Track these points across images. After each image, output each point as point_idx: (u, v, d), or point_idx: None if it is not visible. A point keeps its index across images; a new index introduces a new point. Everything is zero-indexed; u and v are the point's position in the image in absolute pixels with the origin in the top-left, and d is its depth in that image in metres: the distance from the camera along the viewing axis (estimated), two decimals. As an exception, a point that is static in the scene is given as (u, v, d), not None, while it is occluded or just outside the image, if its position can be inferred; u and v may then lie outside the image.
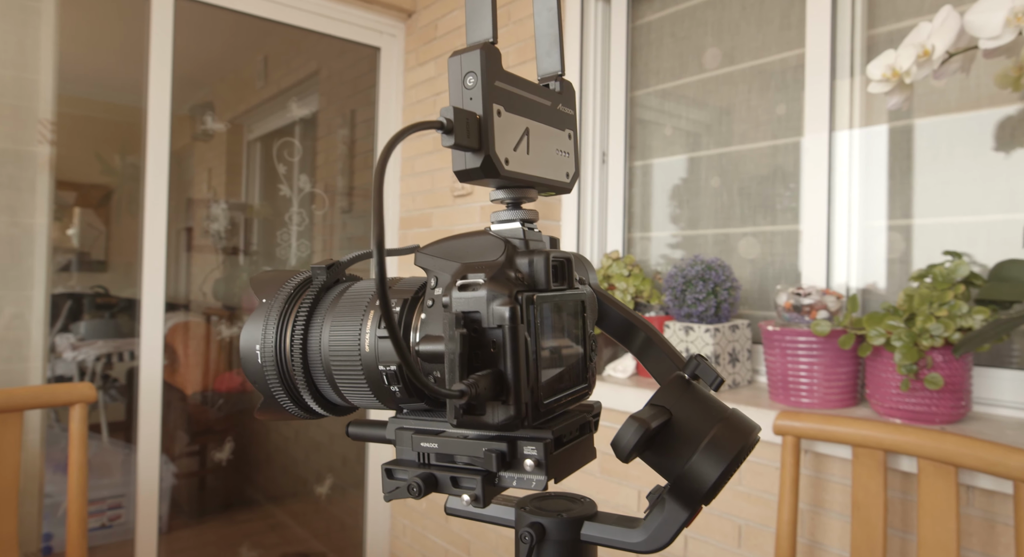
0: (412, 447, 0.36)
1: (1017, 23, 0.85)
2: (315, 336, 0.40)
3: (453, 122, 0.30)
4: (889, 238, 1.32)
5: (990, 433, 1.01)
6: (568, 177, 0.40)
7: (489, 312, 0.31)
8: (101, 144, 2.40)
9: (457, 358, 0.30)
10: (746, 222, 1.54)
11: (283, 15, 1.99)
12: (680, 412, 0.35)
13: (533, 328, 0.32)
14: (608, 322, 0.46)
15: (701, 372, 0.36)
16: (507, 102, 0.33)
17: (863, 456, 1.03)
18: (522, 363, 0.31)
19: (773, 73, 1.50)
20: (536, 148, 0.36)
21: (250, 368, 0.40)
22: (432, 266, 0.36)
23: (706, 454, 0.33)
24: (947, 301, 1.02)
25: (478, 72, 0.32)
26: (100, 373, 2.45)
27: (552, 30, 0.38)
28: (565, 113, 0.39)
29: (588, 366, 0.39)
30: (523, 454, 0.33)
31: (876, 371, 1.12)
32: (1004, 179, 1.18)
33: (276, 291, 0.41)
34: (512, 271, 0.33)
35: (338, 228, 2.44)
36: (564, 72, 0.38)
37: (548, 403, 0.34)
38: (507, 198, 0.37)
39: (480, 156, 0.32)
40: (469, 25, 0.33)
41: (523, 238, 0.36)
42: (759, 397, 1.28)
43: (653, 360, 0.43)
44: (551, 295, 0.34)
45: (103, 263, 2.61)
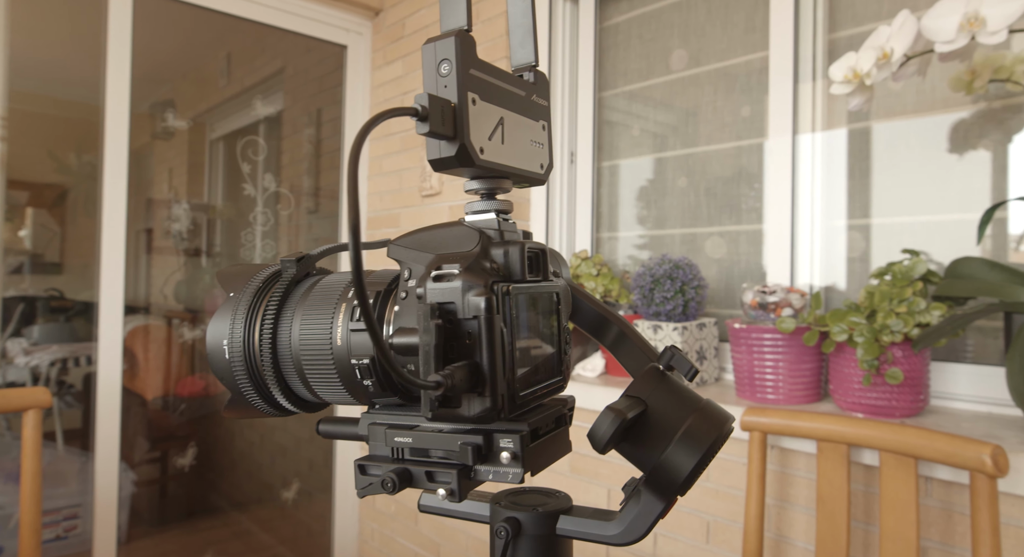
0: (386, 442, 0.36)
1: (970, 28, 0.88)
2: (285, 330, 0.39)
3: (428, 109, 0.30)
4: (849, 237, 1.35)
5: (947, 425, 1.04)
6: (543, 168, 0.40)
7: (464, 303, 0.31)
8: (55, 142, 2.32)
9: (432, 349, 0.30)
10: (712, 222, 1.56)
11: (248, 11, 1.95)
12: (655, 403, 0.35)
13: (509, 319, 0.32)
14: (581, 316, 0.46)
15: (676, 363, 0.36)
16: (482, 91, 0.33)
17: (827, 450, 1.05)
18: (498, 354, 0.31)
19: (738, 75, 1.53)
20: (511, 138, 0.36)
21: (217, 364, 0.39)
22: (405, 258, 0.35)
23: (681, 445, 0.34)
24: (906, 298, 1.05)
25: (453, 59, 0.31)
26: (55, 379, 2.37)
27: (526, 21, 0.38)
28: (539, 104, 0.39)
29: (563, 359, 0.39)
30: (499, 447, 0.33)
31: (839, 367, 1.14)
32: (958, 180, 1.22)
33: (244, 285, 0.40)
34: (487, 262, 0.33)
35: (304, 229, 2.40)
36: (538, 63, 0.38)
37: (524, 395, 0.33)
38: (481, 188, 0.37)
39: (455, 145, 0.32)
40: (443, 12, 0.33)
41: (498, 228, 0.36)
42: (726, 394, 1.30)
43: (626, 354, 0.43)
44: (527, 286, 0.34)
45: (58, 265, 2.53)
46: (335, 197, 2.33)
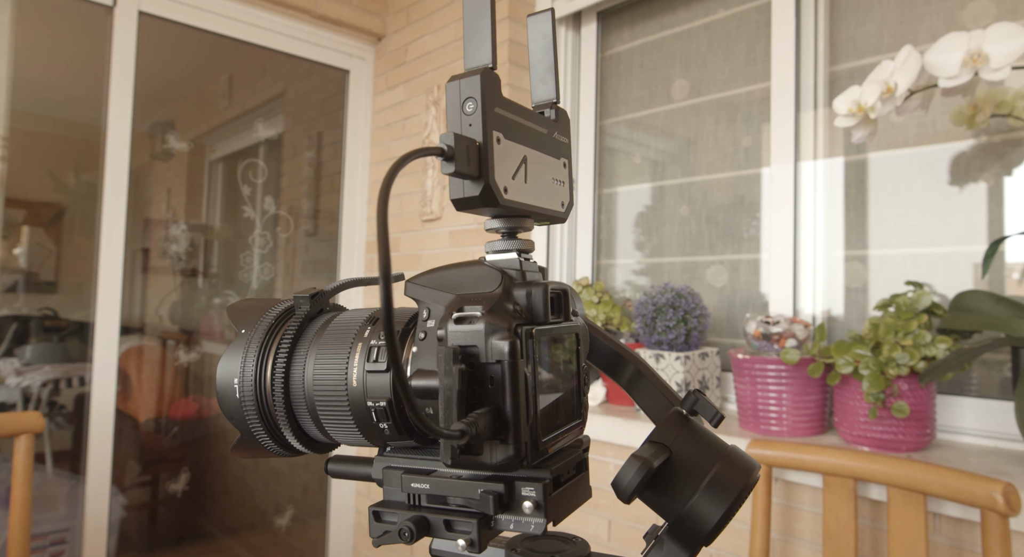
0: (402, 487, 0.35)
1: (973, 64, 0.89)
2: (298, 370, 0.38)
3: (454, 149, 0.29)
4: (850, 267, 1.35)
5: (955, 460, 1.03)
6: (563, 206, 0.39)
7: (488, 346, 0.30)
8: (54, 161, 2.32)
9: (455, 395, 0.29)
10: (713, 250, 1.56)
11: (252, 35, 1.96)
12: (680, 449, 0.34)
13: (532, 363, 0.31)
14: (596, 354, 0.45)
15: (700, 407, 0.36)
16: (506, 129, 0.32)
17: (834, 485, 1.03)
18: (522, 400, 0.30)
19: (739, 105, 1.54)
20: (533, 177, 0.35)
21: (227, 404, 0.38)
22: (424, 297, 0.34)
23: (708, 494, 0.33)
24: (912, 330, 1.05)
25: (478, 98, 0.31)
26: (46, 400, 2.33)
27: (547, 57, 0.37)
28: (560, 141, 0.38)
29: (582, 400, 0.38)
30: (521, 495, 0.32)
31: (844, 399, 1.13)
32: (960, 212, 1.22)
33: (256, 321, 0.39)
34: (510, 303, 0.32)
35: (301, 251, 2.40)
36: (559, 100, 0.38)
37: (546, 441, 0.32)
38: (503, 228, 0.36)
39: (479, 184, 0.31)
40: (467, 49, 0.33)
41: (519, 269, 0.35)
42: (729, 425, 1.29)
43: (644, 394, 0.42)
44: (549, 328, 0.33)
45: (52, 284, 2.51)
46: (334, 219, 2.32)
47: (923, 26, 1.28)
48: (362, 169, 2.29)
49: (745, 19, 1.53)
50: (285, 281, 2.39)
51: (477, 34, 0.32)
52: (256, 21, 1.95)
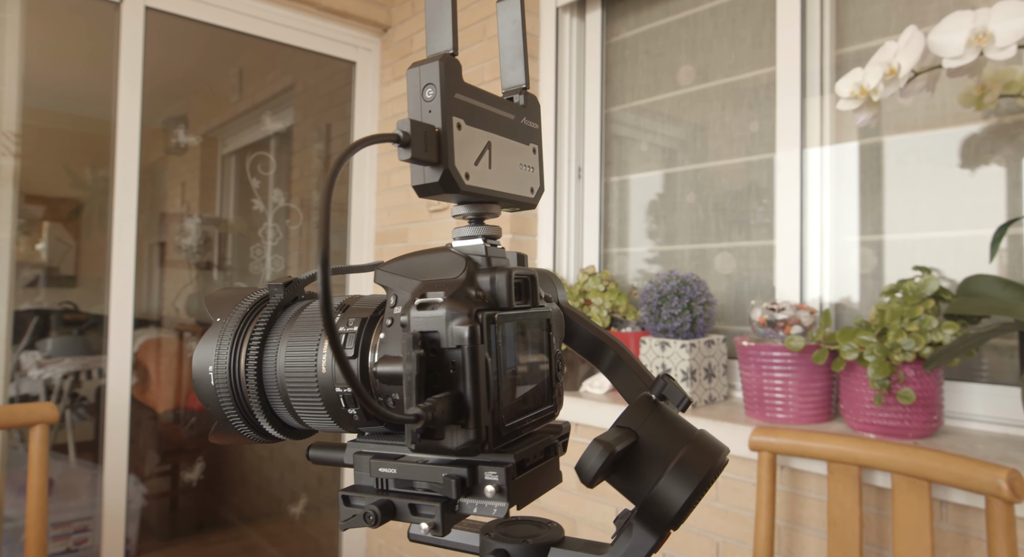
0: (370, 472, 0.35)
1: (978, 43, 0.87)
2: (271, 357, 0.38)
3: (410, 135, 0.29)
4: (859, 253, 1.33)
5: (962, 447, 1.01)
6: (533, 192, 0.39)
7: (448, 332, 0.30)
8: (72, 156, 2.36)
9: (414, 380, 0.29)
10: (721, 237, 1.55)
11: (258, 29, 1.97)
12: (646, 434, 0.34)
13: (494, 348, 0.31)
14: (577, 340, 0.45)
15: (668, 392, 0.35)
16: (468, 115, 0.32)
17: (838, 472, 1.03)
18: (482, 385, 0.30)
19: (746, 90, 1.52)
20: (498, 162, 0.35)
21: (203, 390, 0.39)
22: (392, 284, 0.35)
23: (673, 477, 0.33)
24: (918, 316, 1.03)
25: (437, 84, 0.31)
26: (68, 391, 2.38)
27: (516, 42, 0.37)
28: (529, 127, 0.38)
29: (554, 386, 0.38)
30: (484, 479, 0.32)
31: (850, 386, 1.12)
32: (970, 196, 1.20)
33: (231, 310, 0.40)
34: (473, 289, 0.32)
35: (313, 243, 2.42)
36: (528, 85, 0.38)
37: (510, 426, 0.33)
38: (469, 213, 0.36)
39: (439, 170, 0.31)
40: (429, 36, 0.33)
41: (485, 255, 0.35)
42: (735, 412, 1.28)
43: (622, 379, 0.42)
44: (514, 313, 0.33)
45: (72, 278, 2.56)
46: (343, 211, 2.34)
47: (932, 6, 1.25)
48: (370, 161, 2.30)
49: (751, 3, 1.51)
50: (297, 272, 2.42)
51: (439, 21, 0.32)
52: (261, 14, 1.96)
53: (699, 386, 1.32)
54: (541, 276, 0.45)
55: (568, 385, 1.51)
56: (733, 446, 1.17)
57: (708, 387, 1.35)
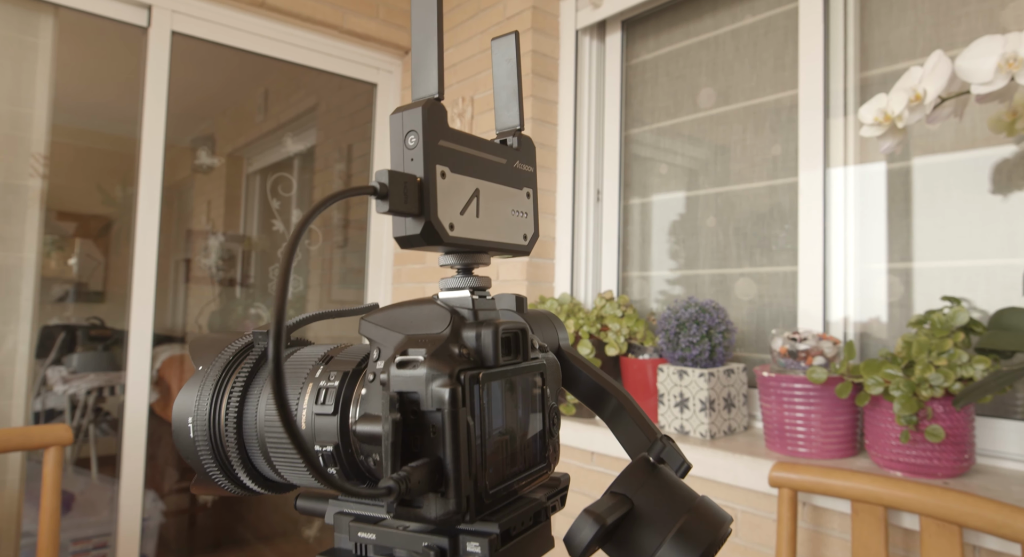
0: (350, 536, 0.33)
1: (1008, 69, 0.84)
2: (251, 409, 0.37)
3: (388, 186, 0.28)
4: (887, 281, 1.29)
5: (995, 489, 0.96)
6: (526, 239, 0.37)
7: (428, 393, 0.29)
8: (103, 174, 2.41)
9: (390, 447, 0.28)
10: (743, 262, 1.52)
11: (282, 52, 2.00)
12: (643, 501, 0.31)
13: (477, 410, 0.29)
14: (578, 387, 0.43)
15: (667, 456, 0.33)
16: (453, 162, 0.31)
17: (863, 511, 0.98)
18: (463, 451, 0.28)
19: (768, 113, 1.49)
20: (487, 210, 0.33)
21: (182, 442, 0.37)
22: (375, 336, 0.33)
23: (672, 549, 0.30)
24: (946, 349, 0.99)
25: (419, 131, 0.29)
26: (92, 406, 2.41)
27: (511, 82, 0.36)
28: (523, 170, 0.36)
29: (548, 442, 0.36)
30: (466, 551, 0.30)
31: (875, 421, 1.08)
32: (1003, 223, 1.15)
33: (214, 358, 0.38)
34: (457, 346, 0.31)
35: (334, 262, 2.43)
36: (523, 126, 0.36)
37: (495, 492, 0.31)
38: (456, 264, 0.34)
39: (420, 222, 0.29)
40: (415, 78, 0.31)
41: (472, 308, 0.33)
42: (755, 445, 1.24)
43: (623, 431, 0.40)
44: (501, 371, 0.31)
45: (100, 294, 2.60)
46: (363, 229, 2.34)
47: (960, 28, 1.22)
48: (390, 181, 2.31)
49: (772, 25, 1.49)
50: (316, 292, 2.43)
51: (424, 64, 0.31)
52: (285, 38, 1.98)
53: (718, 416, 1.28)
54: (539, 320, 0.43)
55: (585, 413, 1.48)
56: (753, 481, 1.13)
57: (727, 417, 1.31)
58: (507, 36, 0.36)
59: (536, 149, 1.76)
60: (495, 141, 0.36)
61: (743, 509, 1.18)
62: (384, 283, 2.29)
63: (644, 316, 1.65)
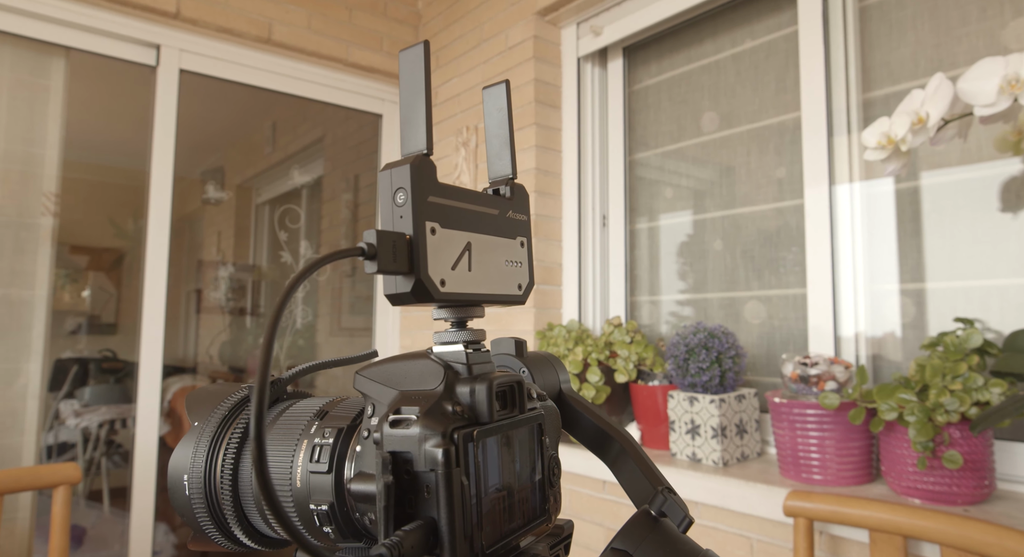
0: (350, 594, 0.33)
1: (1011, 90, 0.84)
2: (247, 464, 0.36)
3: (376, 247, 0.27)
4: (899, 302, 1.27)
5: (1018, 516, 0.94)
6: (520, 289, 0.37)
7: (421, 453, 0.28)
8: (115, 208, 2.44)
9: (383, 510, 0.27)
10: (751, 285, 1.50)
11: (288, 86, 2.03)
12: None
13: (472, 469, 0.29)
14: (580, 430, 0.42)
15: (668, 510, 0.32)
16: (443, 218, 0.31)
17: (881, 541, 0.96)
18: (457, 513, 0.28)
19: (771, 136, 1.49)
20: (480, 263, 0.33)
21: (177, 499, 0.37)
22: (370, 391, 0.33)
23: (676, 608, 0.29)
24: (961, 373, 0.97)
25: (408, 188, 0.29)
26: (104, 439, 2.41)
27: (503, 131, 0.36)
28: (516, 220, 0.36)
29: (548, 493, 0.35)
30: (463, 615, 0.29)
31: (890, 447, 1.06)
32: (1014, 241, 1.14)
33: (210, 413, 0.38)
34: (450, 403, 0.30)
35: (343, 292, 2.44)
36: (516, 175, 0.36)
37: (492, 552, 0.30)
38: (449, 318, 0.34)
39: (411, 279, 0.29)
40: (403, 134, 0.31)
41: (466, 363, 0.33)
42: (769, 472, 1.22)
43: (626, 477, 0.39)
44: (496, 426, 0.31)
45: (113, 325, 2.62)
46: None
47: (961, 48, 1.22)
48: (397, 210, 2.32)
49: (773, 48, 1.50)
50: (325, 321, 2.43)
51: (413, 119, 0.31)
52: (291, 72, 2.01)
53: (730, 443, 1.26)
54: (540, 363, 0.43)
55: (595, 440, 1.46)
56: (767, 510, 1.11)
57: (740, 444, 1.29)
58: (498, 85, 0.36)
59: (541, 175, 1.77)
60: (487, 191, 0.36)
61: (758, 538, 1.16)
62: (393, 311, 2.29)
63: (653, 341, 1.64)
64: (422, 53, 0.30)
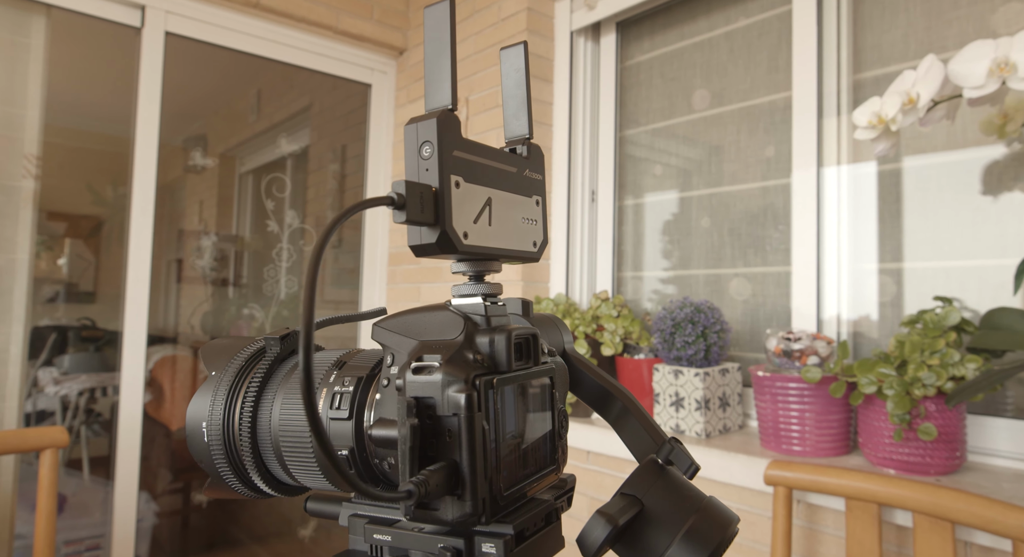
0: (365, 538, 0.34)
1: (1000, 73, 0.85)
2: (265, 413, 0.37)
3: (405, 197, 0.28)
4: (879, 281, 1.30)
5: (987, 486, 0.98)
6: (536, 246, 0.38)
7: (444, 398, 0.29)
8: (93, 174, 2.39)
9: (408, 451, 0.28)
10: (737, 262, 1.53)
11: (276, 52, 1.99)
12: (653, 502, 0.32)
13: (492, 414, 0.30)
14: (583, 389, 0.44)
15: (675, 458, 0.34)
16: (467, 172, 0.32)
17: (857, 509, 1.00)
18: (479, 455, 0.29)
19: (762, 115, 1.50)
20: (499, 218, 0.34)
21: (196, 446, 0.38)
22: (389, 342, 0.34)
23: (682, 548, 0.31)
24: (939, 349, 1.00)
25: (434, 142, 0.30)
26: (83, 408, 2.40)
27: (520, 92, 0.36)
28: (533, 178, 0.37)
29: (557, 444, 0.37)
30: (481, 552, 0.31)
31: (868, 419, 1.09)
32: (993, 224, 1.17)
33: (227, 363, 0.39)
34: (471, 352, 0.31)
35: (329, 262, 2.42)
36: (532, 135, 0.37)
37: (509, 494, 0.31)
38: (468, 271, 0.35)
39: (436, 231, 0.30)
40: (428, 89, 0.32)
41: (484, 314, 0.34)
42: (750, 444, 1.25)
43: (629, 433, 0.41)
44: (514, 375, 0.32)
45: (91, 294, 2.58)
46: (358, 229, 2.34)
47: (951, 31, 1.23)
48: (384, 181, 2.31)
49: (766, 27, 1.50)
50: (311, 292, 2.42)
51: (438, 75, 0.31)
52: (280, 38, 1.98)
53: (713, 415, 1.29)
54: (545, 323, 0.44)
55: (581, 411, 1.49)
56: (748, 479, 1.14)
57: (723, 417, 1.32)
58: (516, 46, 0.36)
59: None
60: (505, 150, 0.37)
61: (739, 507, 1.20)
62: (379, 283, 2.29)
63: (639, 316, 1.66)
64: (448, 9, 0.31)
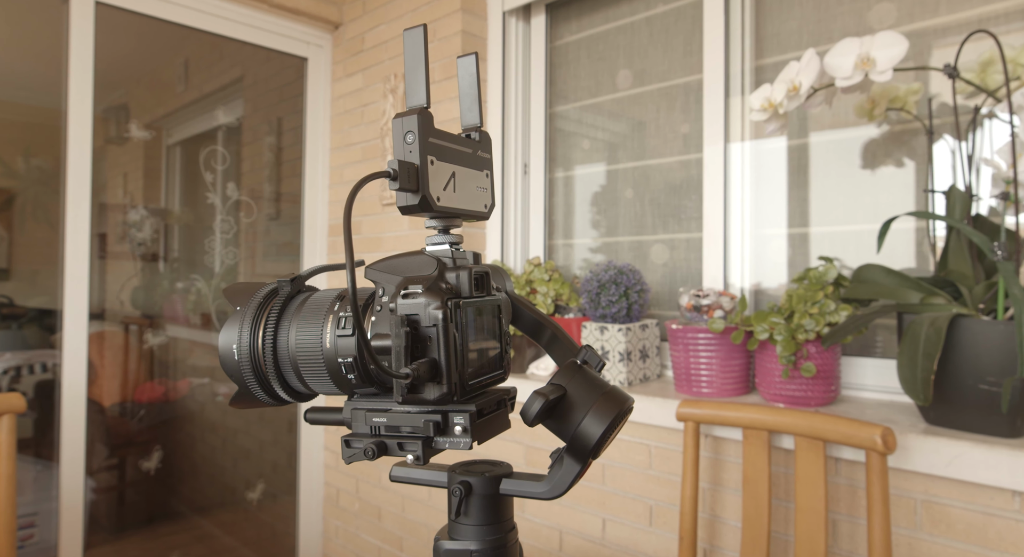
0: (365, 422, 0.46)
1: (863, 67, 1.02)
2: (283, 337, 0.48)
3: (399, 171, 0.40)
4: (776, 244, 1.49)
5: (853, 412, 1.18)
6: (486, 207, 0.50)
7: (426, 314, 0.41)
8: (2, 145, 2.32)
9: (402, 350, 0.40)
10: (657, 230, 1.69)
11: (206, 23, 2.00)
12: (572, 388, 0.45)
13: (460, 326, 0.42)
14: (522, 322, 0.56)
15: (589, 358, 0.47)
16: (438, 153, 0.43)
17: (751, 437, 1.18)
18: (452, 353, 0.41)
19: (678, 94, 1.66)
20: (461, 187, 0.46)
21: (228, 365, 0.49)
22: (380, 279, 0.45)
23: (592, 418, 0.44)
24: (818, 300, 1.19)
25: (415, 131, 0.41)
26: (7, 387, 2.36)
27: (473, 91, 0.48)
28: (483, 157, 0.49)
29: (504, 356, 0.49)
30: (453, 423, 0.43)
31: (763, 362, 1.28)
32: (869, 194, 1.37)
33: (248, 300, 0.50)
34: (443, 283, 0.43)
35: (264, 235, 2.45)
36: (483, 124, 0.48)
37: (472, 384, 0.44)
38: (439, 225, 0.47)
39: (418, 196, 0.42)
40: (408, 89, 0.43)
41: (451, 257, 0.46)
42: (666, 389, 1.42)
43: (556, 350, 0.54)
44: (473, 301, 0.44)
45: (5, 271, 2.51)
46: (296, 202, 2.38)
47: (836, 25, 1.41)
48: (323, 154, 2.35)
49: (681, 14, 1.65)
50: (248, 264, 2.45)
51: (415, 78, 0.42)
52: (211, 9, 1.99)
53: (634, 366, 1.46)
54: (493, 271, 0.56)
55: (516, 367, 1.63)
56: (663, 418, 1.31)
57: (643, 367, 1.49)
58: (470, 56, 0.48)
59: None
60: (463, 135, 0.48)
61: (655, 444, 1.37)
62: (319, 255, 2.35)
63: (569, 280, 1.81)
64: (422, 35, 0.42)
